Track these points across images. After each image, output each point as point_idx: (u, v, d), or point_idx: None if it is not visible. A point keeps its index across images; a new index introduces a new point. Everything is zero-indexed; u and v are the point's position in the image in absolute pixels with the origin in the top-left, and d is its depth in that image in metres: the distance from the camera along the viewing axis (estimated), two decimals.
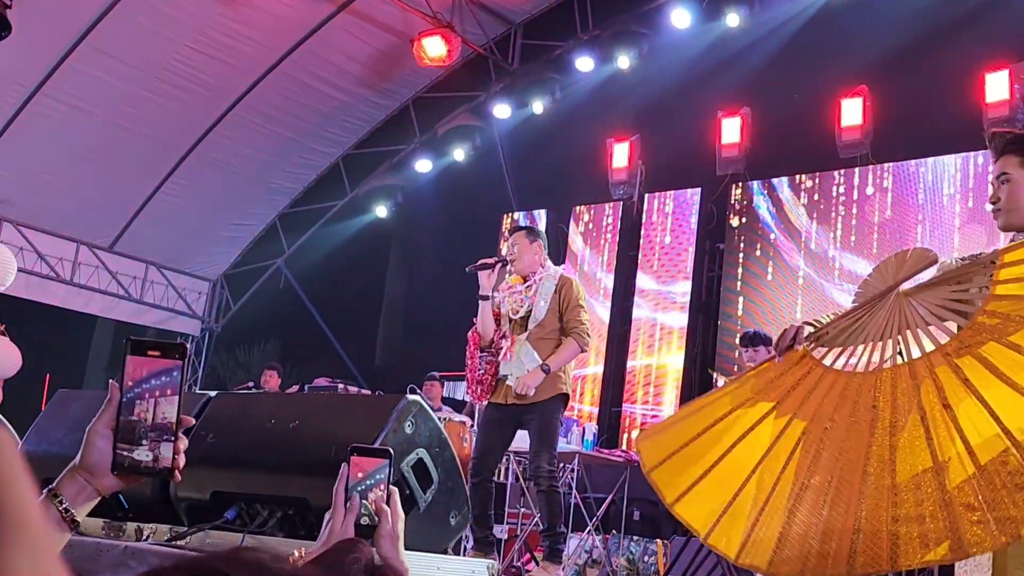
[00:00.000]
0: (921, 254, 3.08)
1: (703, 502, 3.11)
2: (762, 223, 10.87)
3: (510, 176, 12.90)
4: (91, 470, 1.50)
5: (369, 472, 1.87)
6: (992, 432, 2.65)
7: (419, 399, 3.50)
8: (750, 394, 3.14)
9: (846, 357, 3.07)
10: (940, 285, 3.01)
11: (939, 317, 2.93)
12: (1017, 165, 3.10)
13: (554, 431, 5.79)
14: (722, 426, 3.14)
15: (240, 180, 13.43)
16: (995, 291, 2.82)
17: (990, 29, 9.38)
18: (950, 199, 9.70)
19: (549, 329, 5.81)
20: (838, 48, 10.41)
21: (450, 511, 3.46)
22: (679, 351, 11.08)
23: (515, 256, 5.97)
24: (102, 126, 11.89)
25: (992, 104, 9.15)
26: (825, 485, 2.89)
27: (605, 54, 11.80)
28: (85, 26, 10.88)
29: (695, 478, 3.12)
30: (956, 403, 2.73)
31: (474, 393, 6.01)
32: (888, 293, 3.05)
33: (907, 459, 2.76)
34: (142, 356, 1.50)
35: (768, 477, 3.02)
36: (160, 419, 1.49)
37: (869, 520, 2.75)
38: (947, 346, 2.84)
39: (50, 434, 3.93)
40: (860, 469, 2.83)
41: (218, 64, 11.73)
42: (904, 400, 2.84)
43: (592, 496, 8.70)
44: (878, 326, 3.01)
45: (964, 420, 2.70)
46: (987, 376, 2.71)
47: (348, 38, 11.99)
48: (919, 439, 2.76)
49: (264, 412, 3.75)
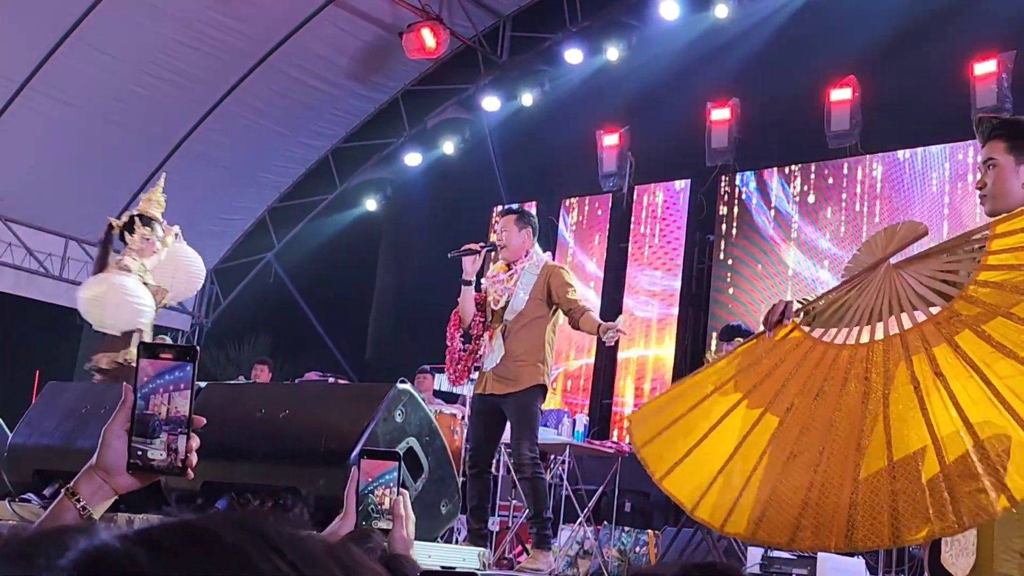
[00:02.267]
0: (911, 226, 3.06)
1: (690, 476, 3.10)
2: (752, 214, 10.88)
3: (500, 168, 12.89)
4: (107, 469, 1.55)
5: (378, 475, 1.92)
6: (991, 408, 2.64)
7: (409, 388, 3.51)
8: (736, 370, 3.13)
9: (835, 330, 3.06)
10: (931, 257, 3.00)
11: (932, 289, 2.91)
12: (1004, 150, 3.10)
13: (533, 418, 5.73)
14: (709, 402, 3.13)
15: (229, 174, 13.39)
16: (987, 261, 2.82)
17: (977, 19, 9.40)
18: (939, 188, 9.73)
19: (529, 318, 5.70)
20: (826, 38, 10.42)
21: (440, 500, 3.47)
22: (670, 342, 11.10)
23: (503, 242, 5.84)
24: (90, 120, 11.85)
25: (980, 93, 9.17)
26: (816, 455, 2.87)
27: (594, 46, 11.80)
28: (73, 20, 10.84)
29: (683, 453, 3.11)
30: (954, 380, 2.72)
31: (450, 376, 5.97)
32: (878, 266, 3.04)
33: (901, 431, 2.75)
34: (155, 359, 1.56)
35: (754, 450, 3.01)
36: (174, 413, 1.54)
37: (867, 494, 2.74)
38: (938, 316, 2.83)
39: (41, 426, 3.94)
40: (854, 442, 2.81)
41: (206, 58, 11.70)
42: (896, 370, 2.83)
43: (583, 488, 8.70)
44: (869, 303, 2.99)
45: (962, 397, 2.69)
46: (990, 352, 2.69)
47: (336, 31, 11.96)
48: (913, 410, 2.75)
49: (254, 402, 3.75)
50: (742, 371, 3.12)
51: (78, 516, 1.52)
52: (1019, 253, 2.79)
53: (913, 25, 9.67)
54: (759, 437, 3.03)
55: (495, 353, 5.69)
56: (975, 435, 2.63)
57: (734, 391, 3.10)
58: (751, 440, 3.04)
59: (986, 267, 2.81)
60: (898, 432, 2.76)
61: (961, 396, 2.70)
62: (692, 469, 3.10)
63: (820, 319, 3.12)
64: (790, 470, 2.91)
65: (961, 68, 9.33)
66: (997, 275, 2.78)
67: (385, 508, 1.88)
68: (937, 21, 9.58)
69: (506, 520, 8.47)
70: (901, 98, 9.75)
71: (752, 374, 3.10)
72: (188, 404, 1.54)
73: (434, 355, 9.94)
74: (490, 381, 5.70)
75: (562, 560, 7.57)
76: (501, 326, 5.72)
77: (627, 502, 9.20)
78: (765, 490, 2.94)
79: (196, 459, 1.56)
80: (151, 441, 1.53)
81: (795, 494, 2.88)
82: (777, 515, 2.89)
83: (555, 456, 8.55)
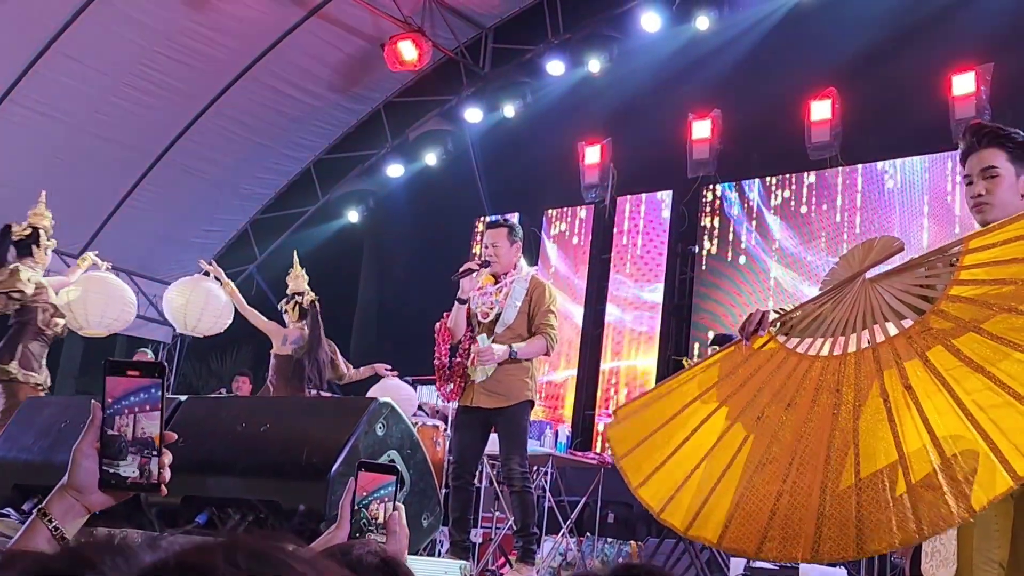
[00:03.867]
0: (887, 242, 3.05)
1: (662, 483, 3.11)
2: (733, 225, 10.92)
3: (482, 180, 12.90)
4: (79, 488, 1.53)
5: (374, 489, 1.91)
6: (960, 425, 2.66)
7: (390, 401, 3.50)
8: (717, 378, 3.15)
9: (809, 342, 3.07)
10: (906, 271, 3.00)
11: (905, 303, 2.92)
12: (1006, 160, 3.06)
13: (523, 433, 5.76)
14: (689, 410, 3.14)
15: (211, 186, 13.35)
16: (959, 276, 2.82)
17: (956, 31, 9.46)
18: (919, 199, 9.78)
19: (517, 332, 5.74)
20: (807, 51, 10.48)
21: (422, 512, 3.46)
22: (652, 353, 11.11)
23: (495, 256, 5.86)
24: (71, 132, 11.81)
25: (959, 106, 9.23)
26: (786, 466, 2.88)
27: (576, 58, 11.84)
28: (54, 32, 10.81)
29: (659, 463, 3.12)
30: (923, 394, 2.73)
31: (443, 394, 5.99)
32: (854, 280, 3.05)
33: (870, 445, 2.76)
34: (121, 376, 1.52)
35: (724, 456, 3.02)
36: (140, 434, 1.51)
37: (834, 507, 2.75)
38: (910, 330, 2.84)
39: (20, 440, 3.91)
40: (823, 454, 2.82)
41: (188, 69, 11.67)
42: (867, 383, 2.85)
43: (566, 499, 8.69)
44: (843, 315, 3.00)
45: (931, 412, 2.71)
46: (960, 368, 2.70)
47: (319, 43, 11.96)
48: (882, 423, 2.76)
49: (235, 415, 3.73)
50: (722, 379, 3.14)
51: (50, 536, 1.50)
52: (991, 268, 2.79)
53: (892, 38, 9.75)
54: (729, 443, 3.04)
55: (485, 366, 5.70)
56: (941, 451, 2.65)
57: (715, 399, 3.11)
58: (721, 446, 3.05)
59: (959, 282, 2.81)
60: (867, 446, 2.77)
61: (929, 411, 2.71)
62: (665, 475, 3.11)
63: (796, 330, 3.13)
64: (759, 479, 2.92)
65: (940, 80, 9.40)
66: (969, 290, 2.78)
67: (379, 522, 1.87)
68: (916, 34, 9.65)
69: (489, 532, 8.46)
70: (881, 110, 9.82)
71: (729, 382, 3.12)
72: (157, 425, 1.51)
73: (417, 367, 9.94)
74: (477, 394, 5.70)
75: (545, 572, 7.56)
76: (491, 339, 5.73)
77: (610, 513, 9.20)
78: (732, 497, 2.95)
79: (169, 475, 1.54)
80: (120, 461, 1.51)
81: (763, 503, 2.88)
82: (744, 523, 2.89)
83: (538, 467, 8.54)
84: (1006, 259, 2.77)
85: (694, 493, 3.03)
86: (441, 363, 5.91)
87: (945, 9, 9.56)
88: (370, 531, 1.85)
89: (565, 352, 11.62)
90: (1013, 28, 9.25)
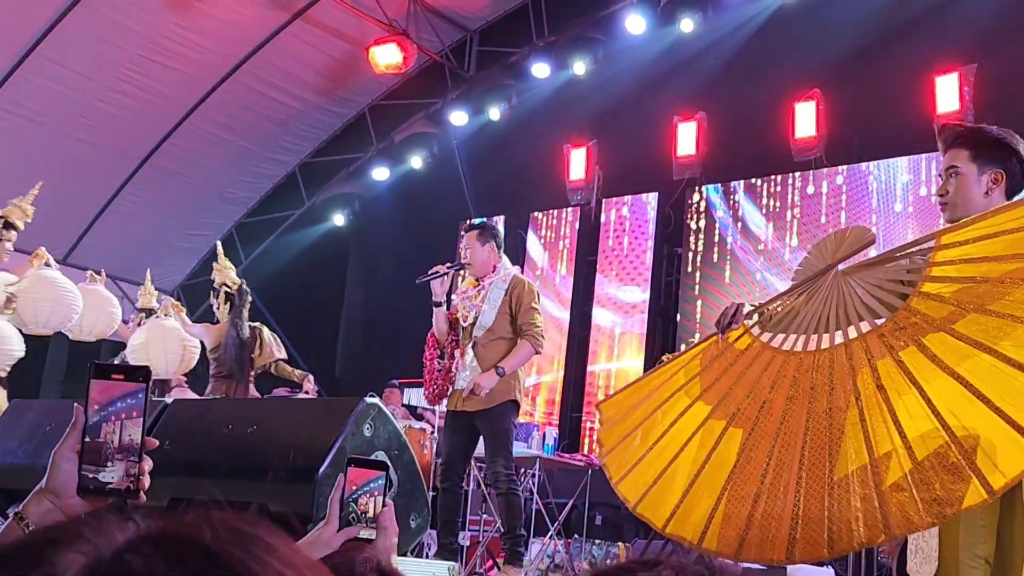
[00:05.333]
0: (859, 233, 3.08)
1: (640, 476, 3.12)
2: (719, 227, 10.94)
3: (467, 183, 12.89)
4: (57, 492, 1.52)
5: (363, 484, 1.91)
6: (931, 427, 2.67)
7: (378, 402, 3.50)
8: (699, 369, 3.16)
9: (783, 336, 3.08)
10: (878, 265, 3.02)
11: (877, 299, 2.93)
12: (967, 159, 3.11)
13: (507, 435, 5.75)
14: (668, 405, 3.16)
15: (195, 190, 13.32)
16: (931, 272, 2.83)
17: (939, 33, 9.50)
18: (903, 200, 9.82)
19: (499, 334, 5.74)
20: (791, 53, 10.51)
21: (410, 514, 3.46)
22: (639, 355, 11.12)
23: (468, 259, 5.87)
24: (54, 137, 11.76)
25: (942, 106, 9.27)
26: (763, 466, 2.89)
27: (561, 60, 11.85)
28: (36, 36, 10.76)
29: (638, 457, 3.14)
30: (895, 394, 2.73)
31: (428, 396, 6.01)
32: (827, 272, 3.05)
33: (845, 445, 2.77)
34: (106, 380, 1.52)
35: (700, 451, 3.03)
36: (126, 440, 1.51)
37: (807, 507, 2.76)
38: (883, 327, 2.84)
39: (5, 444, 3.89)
40: (798, 455, 2.83)
41: (172, 73, 11.64)
42: (840, 384, 2.85)
43: (554, 501, 8.69)
44: (817, 310, 3.01)
45: (902, 413, 2.71)
46: (931, 368, 2.72)
47: (303, 46, 11.94)
48: (854, 424, 2.77)
49: (221, 418, 3.72)
50: (701, 372, 3.16)
51: None
52: (962, 266, 2.80)
53: (876, 39, 9.79)
54: (706, 438, 3.05)
55: (466, 370, 5.71)
56: (912, 454, 2.65)
57: (695, 391, 3.14)
58: (698, 440, 3.06)
59: (930, 278, 2.82)
60: (840, 447, 2.78)
61: (900, 412, 2.72)
62: (644, 469, 3.13)
63: (771, 323, 3.14)
64: (736, 479, 2.93)
65: (923, 81, 9.44)
66: (940, 287, 2.80)
67: (368, 516, 1.87)
68: (899, 35, 9.70)
69: (476, 535, 8.45)
70: (864, 111, 9.85)
71: (707, 376, 3.14)
72: (139, 429, 1.51)
73: (403, 370, 9.93)
74: (462, 399, 5.71)
75: (533, 574, 7.55)
76: (471, 342, 5.74)
77: (598, 515, 9.20)
78: (711, 498, 2.95)
79: (148, 482, 1.53)
80: (100, 466, 1.50)
81: (742, 505, 2.89)
82: (724, 526, 2.90)
83: (525, 469, 8.54)
84: (978, 256, 2.78)
85: (671, 489, 3.04)
86: (429, 368, 5.93)
87: (928, 11, 9.61)
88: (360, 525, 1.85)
89: (552, 354, 11.62)
90: (996, 30, 9.30)
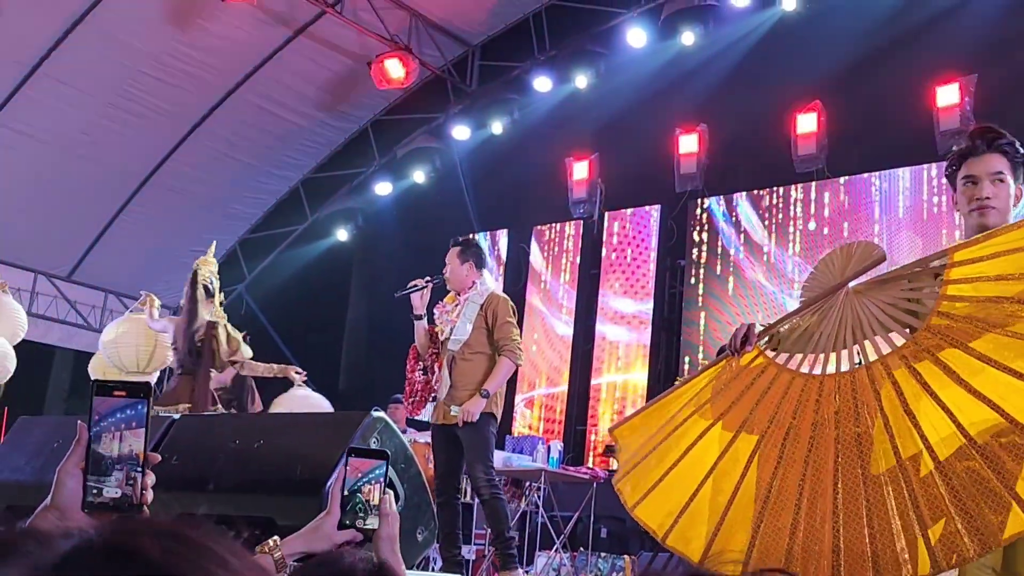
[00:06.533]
0: (867, 250, 3.05)
1: (661, 503, 3.09)
2: (722, 238, 10.94)
3: (470, 197, 12.91)
4: (62, 509, 1.53)
5: (364, 472, 1.92)
6: (949, 431, 2.66)
7: (384, 416, 3.51)
8: (710, 395, 3.12)
9: (800, 358, 3.05)
10: (890, 282, 2.99)
11: (892, 317, 2.91)
12: (1008, 168, 3.10)
13: (484, 443, 5.79)
14: (683, 429, 3.11)
15: (199, 206, 13.35)
16: (946, 291, 2.81)
17: (940, 43, 9.52)
18: (905, 211, 9.82)
19: (475, 348, 5.84)
20: (792, 64, 10.52)
21: (417, 527, 3.46)
22: (643, 368, 11.11)
23: (448, 274, 6.02)
24: (58, 154, 11.80)
25: (943, 117, 9.27)
26: (795, 496, 2.86)
27: (562, 74, 11.88)
28: (39, 55, 10.81)
29: (655, 481, 3.10)
30: (915, 406, 2.73)
31: (407, 407, 6.09)
32: (837, 290, 3.03)
33: (875, 474, 2.74)
34: (108, 396, 1.55)
35: (727, 481, 2.99)
36: (127, 451, 1.53)
37: (848, 539, 2.72)
38: (903, 349, 2.82)
39: (11, 461, 3.90)
40: (830, 483, 2.80)
41: (175, 90, 11.68)
42: (864, 408, 2.82)
43: (559, 514, 8.69)
44: (832, 330, 2.98)
45: (923, 419, 2.71)
46: (944, 380, 2.71)
47: (305, 62, 11.98)
48: (884, 443, 2.76)
49: (228, 433, 3.73)
50: (715, 395, 3.11)
51: None
52: (978, 284, 2.79)
53: (877, 50, 9.81)
54: (730, 467, 3.01)
55: (444, 383, 5.82)
56: (949, 480, 2.63)
57: (710, 416, 3.09)
58: (721, 469, 3.02)
59: (946, 297, 2.80)
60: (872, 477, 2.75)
61: (924, 424, 2.70)
62: (664, 496, 3.09)
63: (784, 343, 3.12)
64: (772, 511, 2.89)
65: (924, 92, 9.45)
66: (957, 306, 2.78)
67: (373, 504, 1.88)
68: (900, 46, 9.72)
69: (482, 549, 8.44)
70: (866, 122, 9.86)
71: (723, 399, 3.09)
72: (142, 443, 1.53)
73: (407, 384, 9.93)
74: (444, 411, 5.79)
75: None
76: (448, 356, 5.83)
77: (603, 528, 9.19)
78: (744, 532, 2.91)
79: (151, 496, 1.55)
80: (104, 479, 1.52)
81: (779, 538, 2.86)
82: (763, 562, 2.87)
83: (530, 483, 8.54)
84: (993, 275, 2.77)
85: (700, 520, 3.00)
86: (411, 382, 6.01)
87: (929, 21, 9.62)
88: (364, 515, 1.86)
89: (557, 367, 11.62)
90: (996, 39, 9.32)
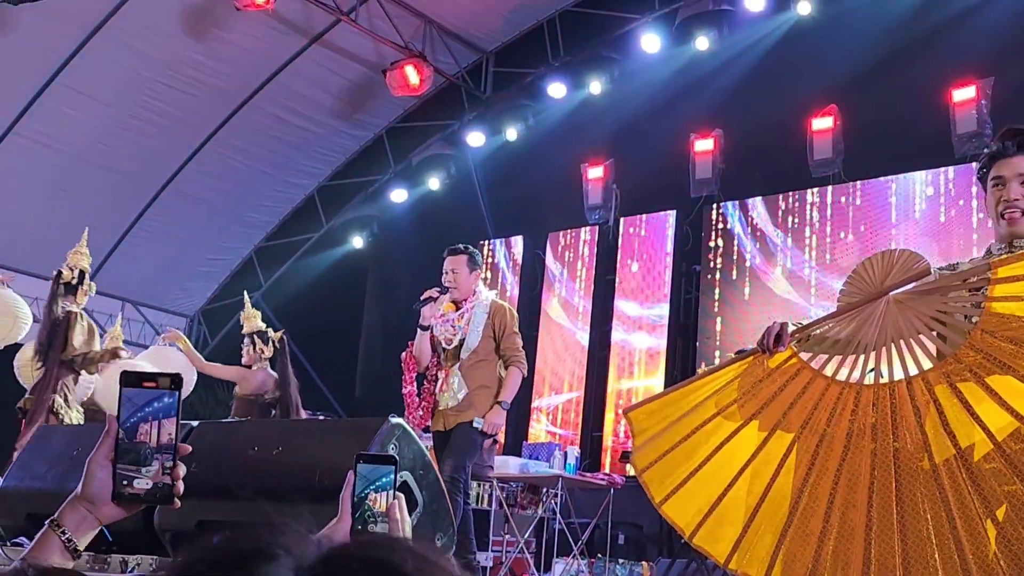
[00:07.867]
0: (910, 260, 2.96)
1: (689, 501, 3.06)
2: (738, 244, 10.92)
3: (485, 203, 12.92)
4: (92, 500, 1.55)
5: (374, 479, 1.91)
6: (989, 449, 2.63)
7: (402, 422, 3.50)
8: (739, 394, 3.07)
9: (836, 364, 2.98)
10: (930, 294, 2.92)
11: (932, 330, 2.86)
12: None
13: (470, 447, 5.82)
14: (712, 425, 3.07)
15: (215, 214, 13.41)
16: (991, 307, 2.73)
17: (956, 46, 9.48)
18: (922, 214, 9.78)
19: (482, 356, 5.90)
20: (807, 68, 10.50)
21: (436, 533, 3.45)
22: (659, 374, 11.09)
23: (454, 283, 6.06)
24: (75, 163, 11.86)
25: (960, 120, 9.24)
26: (826, 504, 2.83)
27: (576, 80, 11.89)
28: (57, 64, 10.88)
29: (683, 477, 3.07)
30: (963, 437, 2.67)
31: (413, 420, 6.04)
32: (878, 299, 2.95)
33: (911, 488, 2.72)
34: (138, 388, 1.56)
35: (758, 482, 2.96)
36: (164, 439, 1.55)
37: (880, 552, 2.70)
38: (945, 365, 2.76)
39: (32, 469, 3.91)
40: (864, 495, 2.77)
41: (191, 99, 11.74)
42: (904, 425, 2.78)
43: (576, 521, 8.68)
44: (872, 339, 2.90)
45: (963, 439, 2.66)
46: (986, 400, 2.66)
47: (320, 70, 12.03)
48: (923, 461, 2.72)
49: (247, 439, 3.73)
50: (744, 395, 3.06)
51: (63, 547, 1.52)
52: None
53: (892, 53, 9.77)
54: (761, 469, 2.98)
55: (452, 390, 5.84)
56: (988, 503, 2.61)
57: (738, 416, 3.04)
58: (752, 470, 2.99)
59: (990, 314, 2.73)
60: (908, 491, 2.72)
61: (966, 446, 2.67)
62: (693, 494, 3.06)
63: (820, 347, 3.05)
64: (801, 516, 2.87)
65: (941, 95, 9.41)
66: (1002, 325, 2.71)
67: (381, 511, 1.87)
68: (916, 49, 9.68)
69: (500, 556, 8.43)
70: (882, 125, 9.82)
71: (754, 399, 3.04)
72: (175, 430, 1.55)
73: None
74: (448, 418, 5.82)
75: None
76: (456, 364, 5.84)
77: (620, 534, 9.18)
78: (772, 534, 2.90)
79: (183, 487, 1.56)
80: (141, 469, 1.54)
81: (807, 543, 2.83)
82: (789, 566, 2.84)
83: (547, 489, 8.52)
84: None
85: (728, 520, 2.98)
86: (409, 392, 6.01)
87: (945, 24, 9.59)
88: (373, 522, 1.86)
89: (573, 372, 11.61)
90: (1013, 42, 9.28)
